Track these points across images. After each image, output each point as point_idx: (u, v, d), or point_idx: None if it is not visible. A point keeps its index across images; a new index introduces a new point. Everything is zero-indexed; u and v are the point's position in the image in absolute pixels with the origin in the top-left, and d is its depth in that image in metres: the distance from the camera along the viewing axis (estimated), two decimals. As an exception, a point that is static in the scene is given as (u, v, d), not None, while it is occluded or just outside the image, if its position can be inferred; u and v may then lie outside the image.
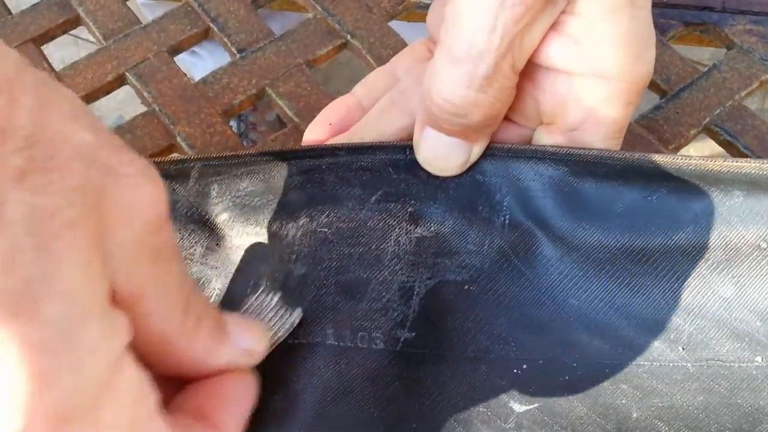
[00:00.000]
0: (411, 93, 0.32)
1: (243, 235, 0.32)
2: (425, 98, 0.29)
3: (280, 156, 0.31)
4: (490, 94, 0.27)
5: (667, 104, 0.38)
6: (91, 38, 0.41)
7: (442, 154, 0.30)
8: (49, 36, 0.43)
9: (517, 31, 0.26)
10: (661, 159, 0.29)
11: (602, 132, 0.29)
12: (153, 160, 0.32)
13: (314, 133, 0.33)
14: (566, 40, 0.28)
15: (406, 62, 0.34)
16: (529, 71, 0.29)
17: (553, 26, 0.28)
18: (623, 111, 0.29)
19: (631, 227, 0.29)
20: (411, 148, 0.31)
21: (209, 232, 0.32)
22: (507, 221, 0.30)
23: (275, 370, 0.28)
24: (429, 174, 0.31)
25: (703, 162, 0.29)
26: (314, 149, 0.32)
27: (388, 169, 0.31)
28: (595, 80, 0.28)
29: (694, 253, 0.29)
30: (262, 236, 0.31)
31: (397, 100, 0.33)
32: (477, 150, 0.30)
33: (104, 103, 0.42)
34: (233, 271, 0.32)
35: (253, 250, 0.31)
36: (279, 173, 0.31)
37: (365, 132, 0.33)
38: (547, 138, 0.31)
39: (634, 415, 0.28)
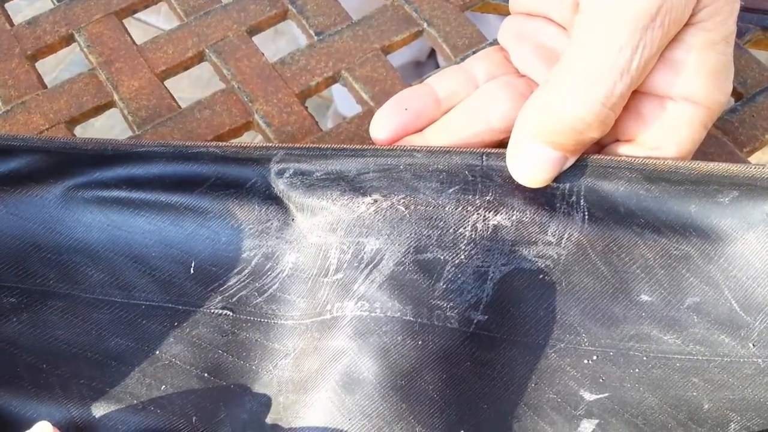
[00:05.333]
0: (490, 102, 0.33)
1: (313, 210, 0.32)
2: (544, 114, 0.29)
3: (360, 153, 0.32)
4: (616, 111, 0.29)
5: (742, 107, 0.38)
6: (145, 18, 0.43)
7: (541, 168, 0.30)
8: (131, 9, 0.44)
9: (655, 50, 0.28)
10: (735, 168, 0.29)
11: (681, 152, 0.31)
12: (240, 144, 0.33)
13: (388, 115, 0.33)
14: (668, 65, 0.29)
15: (483, 66, 0.34)
16: None
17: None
18: (700, 134, 0.31)
19: (704, 227, 0.30)
20: (487, 154, 0.32)
21: (285, 208, 0.33)
22: (586, 216, 0.31)
23: (352, 339, 0.29)
24: (504, 180, 0.31)
25: None
26: (393, 149, 0.32)
27: (465, 172, 0.32)
28: (685, 104, 0.30)
29: (764, 252, 0.29)
30: (330, 211, 0.32)
31: (474, 108, 0.33)
32: (569, 163, 0.31)
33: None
34: (305, 245, 0.32)
35: (323, 225, 0.32)
36: (356, 168, 0.32)
37: (441, 135, 0.33)
38: (626, 153, 0.31)
39: (706, 406, 0.28)
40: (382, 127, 0.33)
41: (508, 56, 0.35)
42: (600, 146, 0.33)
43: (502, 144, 0.32)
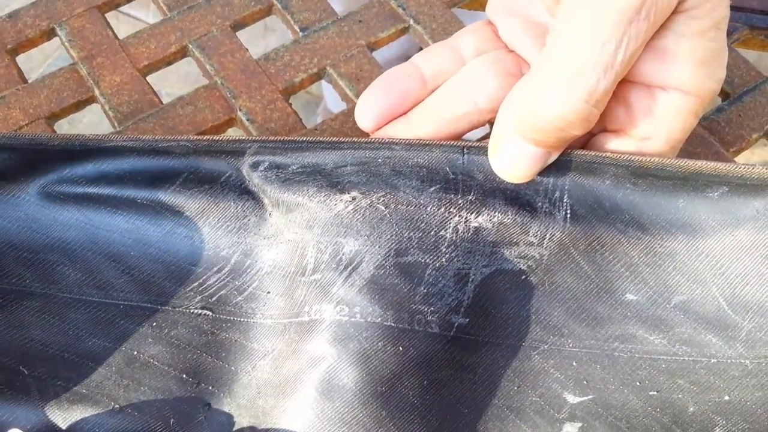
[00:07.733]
0: (477, 81, 0.32)
1: (289, 206, 0.32)
2: (524, 110, 0.28)
3: (336, 145, 0.31)
4: (600, 108, 0.28)
5: (729, 107, 0.37)
6: (134, 13, 0.42)
7: (523, 163, 0.29)
8: (113, 3, 0.43)
9: (641, 42, 0.27)
10: (724, 167, 0.29)
11: (671, 141, 0.30)
12: (213, 138, 0.32)
13: (373, 100, 0.32)
14: (657, 54, 0.28)
15: (470, 42, 0.33)
16: None
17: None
18: (691, 123, 0.30)
19: (692, 222, 0.29)
20: (468, 148, 0.31)
21: (261, 203, 0.32)
22: (568, 215, 0.30)
23: (331, 345, 0.28)
24: (486, 176, 0.31)
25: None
26: (371, 142, 0.31)
27: (445, 168, 0.31)
28: (675, 93, 0.29)
29: (754, 250, 0.29)
30: (306, 207, 0.31)
31: (460, 87, 0.32)
32: (552, 158, 0.30)
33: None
34: (282, 242, 0.32)
35: (299, 221, 0.32)
36: (332, 160, 0.31)
37: (426, 117, 0.32)
38: (615, 145, 0.31)
39: (691, 409, 0.28)
40: (367, 113, 0.32)
41: (496, 31, 0.33)
42: (588, 135, 0.32)
43: (489, 123, 0.31)
